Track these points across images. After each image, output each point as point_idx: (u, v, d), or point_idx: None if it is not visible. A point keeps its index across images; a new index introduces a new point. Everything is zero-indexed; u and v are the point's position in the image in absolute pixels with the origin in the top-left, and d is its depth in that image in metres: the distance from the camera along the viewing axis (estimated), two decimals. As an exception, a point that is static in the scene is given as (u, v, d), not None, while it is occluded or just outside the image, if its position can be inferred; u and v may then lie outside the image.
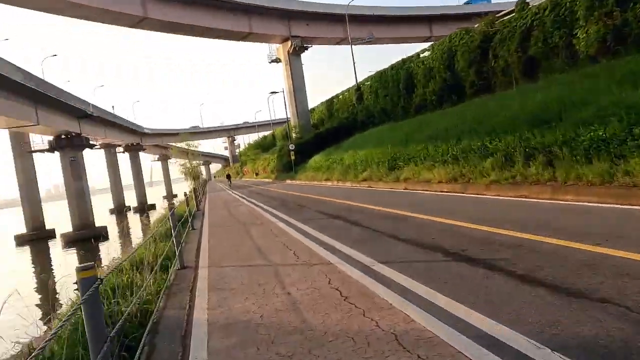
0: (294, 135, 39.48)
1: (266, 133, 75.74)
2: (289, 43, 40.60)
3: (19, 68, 25.51)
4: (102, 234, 36.55)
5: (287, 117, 41.71)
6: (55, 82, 34.70)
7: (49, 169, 36.97)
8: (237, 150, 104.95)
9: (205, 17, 33.75)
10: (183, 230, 9.86)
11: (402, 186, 12.55)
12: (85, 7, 26.52)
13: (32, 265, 27.87)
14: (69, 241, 36.15)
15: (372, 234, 6.65)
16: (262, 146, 63.41)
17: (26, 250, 37.26)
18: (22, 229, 43.74)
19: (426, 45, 25.83)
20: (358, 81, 33.03)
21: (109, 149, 64.72)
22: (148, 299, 4.68)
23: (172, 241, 6.45)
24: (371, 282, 4.13)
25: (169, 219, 6.70)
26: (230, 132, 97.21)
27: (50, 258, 31.82)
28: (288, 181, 30.47)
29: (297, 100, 41.49)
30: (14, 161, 44.52)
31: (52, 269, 24.74)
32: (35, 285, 17.98)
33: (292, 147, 32.91)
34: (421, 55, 23.63)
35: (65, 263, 25.16)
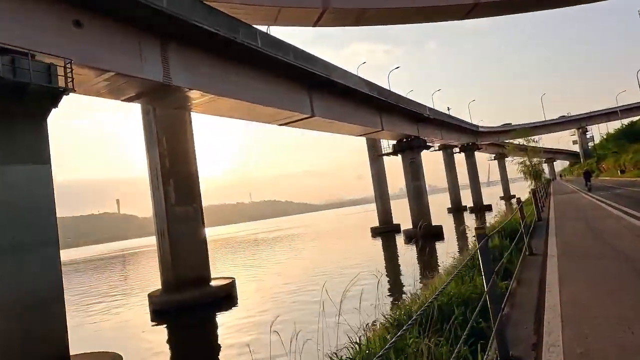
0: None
1: (635, 118, 58.15)
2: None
3: (365, 80, 28.26)
4: (437, 233, 36.75)
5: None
6: (399, 91, 37.38)
7: (397, 170, 40.34)
8: (590, 144, 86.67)
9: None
10: (515, 255, 6.47)
11: None
12: (421, 8, 26.63)
13: (383, 253, 30.60)
14: (409, 237, 38.08)
15: None
16: (630, 135, 48.58)
17: (378, 241, 42.05)
18: (376, 223, 50.34)
19: None
20: None
21: (447, 150, 66.26)
22: None
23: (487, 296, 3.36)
24: None
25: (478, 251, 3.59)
26: (580, 122, 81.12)
27: (396, 249, 34.24)
28: (683, 181, 20.55)
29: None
30: (370, 165, 51.89)
31: (398, 258, 26.98)
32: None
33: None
34: None
35: (406, 256, 26.53)
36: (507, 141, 62.19)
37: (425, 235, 37.21)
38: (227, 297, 20.08)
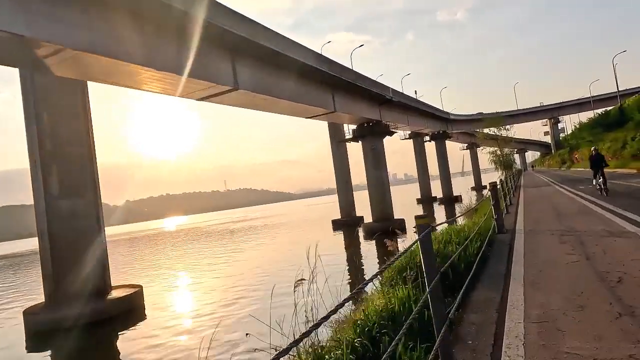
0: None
1: (608, 108, 55.37)
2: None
3: (312, 51, 23.50)
4: (400, 228, 32.70)
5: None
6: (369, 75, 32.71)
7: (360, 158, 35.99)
8: (561, 135, 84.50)
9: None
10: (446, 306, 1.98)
11: None
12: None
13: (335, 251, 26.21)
14: (368, 232, 34.02)
15: None
16: (604, 124, 45.48)
17: (338, 235, 37.80)
18: (338, 215, 46.05)
19: None
20: None
21: (417, 138, 62.35)
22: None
23: None
24: None
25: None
26: (552, 112, 78.47)
27: (351, 247, 30.07)
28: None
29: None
30: (332, 152, 47.34)
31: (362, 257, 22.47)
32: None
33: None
34: None
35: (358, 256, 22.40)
36: (478, 130, 58.80)
37: (386, 230, 33.14)
38: (131, 310, 15.83)
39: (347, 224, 42.13)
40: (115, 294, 16.75)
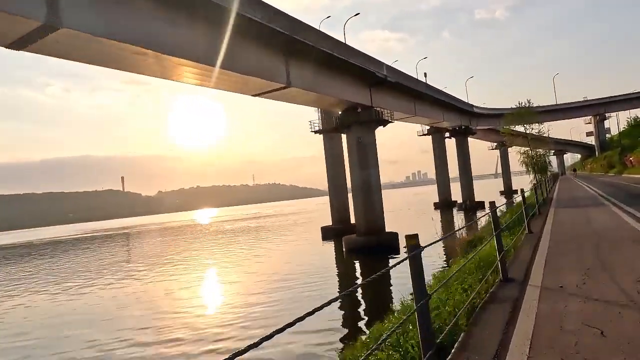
0: None
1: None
2: None
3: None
4: (390, 245, 24.13)
5: None
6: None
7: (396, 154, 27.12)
8: (608, 135, 71.82)
9: None
10: None
11: None
12: None
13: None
14: (351, 248, 25.71)
15: None
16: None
17: (326, 247, 29.75)
18: (329, 221, 37.76)
19: None
20: None
21: (437, 134, 52.78)
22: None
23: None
24: None
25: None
26: (597, 108, 66.07)
27: (325, 271, 21.90)
28: None
29: None
30: (324, 144, 38.85)
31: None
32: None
33: None
34: None
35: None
36: (504, 127, 48.31)
37: (372, 247, 24.77)
38: None
39: (339, 232, 33.70)
40: None
